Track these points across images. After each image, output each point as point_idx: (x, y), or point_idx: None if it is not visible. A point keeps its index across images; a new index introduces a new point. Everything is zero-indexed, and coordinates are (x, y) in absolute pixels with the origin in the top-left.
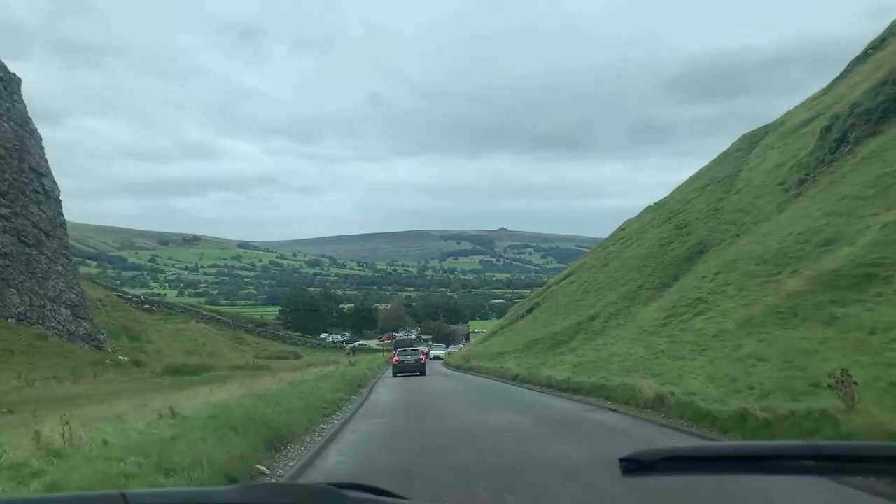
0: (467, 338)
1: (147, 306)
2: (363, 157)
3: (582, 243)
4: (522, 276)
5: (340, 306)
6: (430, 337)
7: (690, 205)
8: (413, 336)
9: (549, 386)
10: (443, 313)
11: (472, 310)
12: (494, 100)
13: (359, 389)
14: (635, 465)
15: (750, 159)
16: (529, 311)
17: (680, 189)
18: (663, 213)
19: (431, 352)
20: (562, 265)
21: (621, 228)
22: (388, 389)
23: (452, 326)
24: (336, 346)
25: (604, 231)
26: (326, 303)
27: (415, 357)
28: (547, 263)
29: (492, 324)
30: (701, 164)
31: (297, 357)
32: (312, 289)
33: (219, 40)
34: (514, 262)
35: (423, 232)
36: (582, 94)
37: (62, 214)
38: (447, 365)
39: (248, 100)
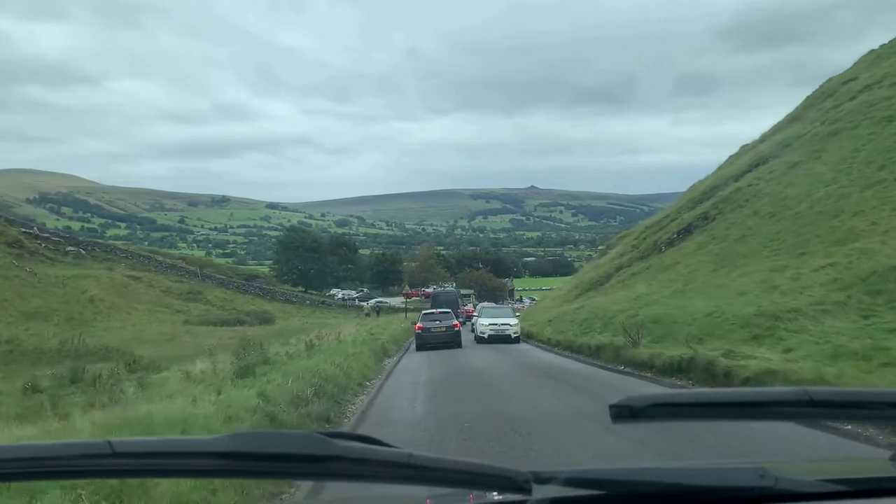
0: (511, 294)
1: (71, 248)
2: (399, 116)
3: (614, 201)
4: (553, 235)
5: (359, 256)
6: (471, 292)
7: None
8: (450, 288)
9: None
10: (482, 264)
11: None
12: (534, 53)
13: None
14: (625, 411)
15: None
16: (681, 232)
17: None
18: None
19: (483, 318)
20: (593, 223)
21: (827, 91)
22: None
23: (499, 280)
24: (347, 304)
25: (637, 188)
26: (339, 251)
27: (445, 323)
28: (578, 221)
29: (528, 281)
30: (748, 117)
31: (267, 321)
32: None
33: None
34: (544, 221)
35: (452, 191)
36: (625, 45)
37: None
38: (538, 341)
39: (285, 59)
